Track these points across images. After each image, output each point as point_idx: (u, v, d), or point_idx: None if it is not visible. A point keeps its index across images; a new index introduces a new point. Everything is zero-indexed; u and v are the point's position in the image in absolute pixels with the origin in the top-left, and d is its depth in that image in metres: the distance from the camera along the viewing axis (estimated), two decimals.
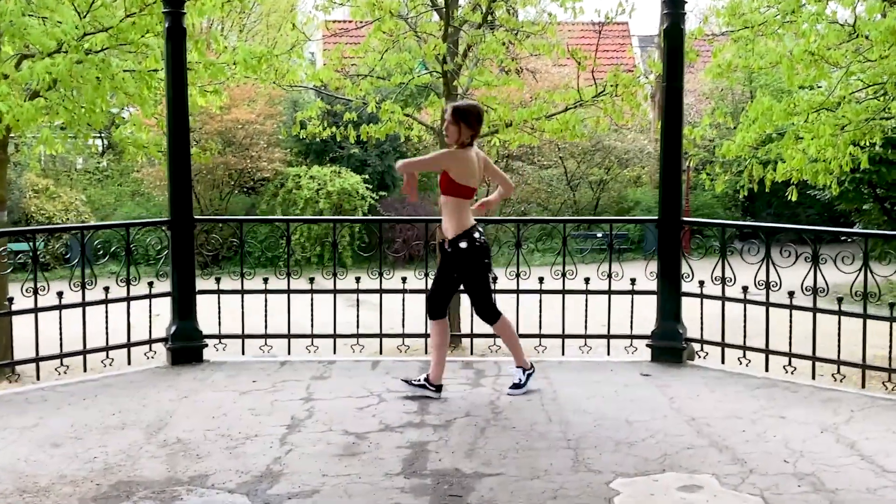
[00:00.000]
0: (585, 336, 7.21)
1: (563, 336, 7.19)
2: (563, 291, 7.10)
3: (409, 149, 23.01)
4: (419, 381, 5.98)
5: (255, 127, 22.11)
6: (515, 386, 6.08)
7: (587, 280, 7.11)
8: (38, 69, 9.85)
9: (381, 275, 7.09)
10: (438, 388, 5.96)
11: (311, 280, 7.11)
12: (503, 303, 6.35)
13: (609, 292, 7.10)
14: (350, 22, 16.26)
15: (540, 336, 7.18)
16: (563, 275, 7.08)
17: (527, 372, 6.13)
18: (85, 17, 10.12)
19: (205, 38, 11.76)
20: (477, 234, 5.84)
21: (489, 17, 12.81)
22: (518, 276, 7.11)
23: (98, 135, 14.33)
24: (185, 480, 4.53)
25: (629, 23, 30.63)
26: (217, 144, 21.73)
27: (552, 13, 12.93)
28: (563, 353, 7.34)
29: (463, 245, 5.80)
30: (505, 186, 6.25)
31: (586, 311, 7.14)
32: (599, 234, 22.16)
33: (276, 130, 21.75)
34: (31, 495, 4.32)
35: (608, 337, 7.25)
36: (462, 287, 6.13)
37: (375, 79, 13.00)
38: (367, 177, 22.56)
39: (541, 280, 7.13)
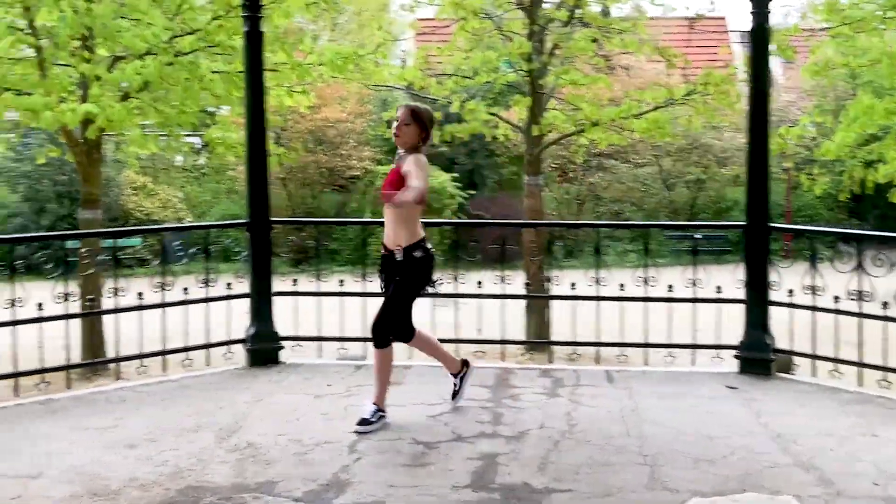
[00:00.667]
0: (669, 345, 7.02)
1: (646, 345, 7.02)
2: (646, 299, 6.93)
3: (497, 147, 22.90)
4: (373, 417, 5.45)
5: (345, 125, 22.33)
6: (455, 395, 5.88)
7: (670, 287, 6.92)
8: (128, 71, 10.10)
9: (455, 279, 7.03)
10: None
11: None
12: (585, 310, 6.22)
13: (694, 300, 6.90)
14: (437, 21, 16.25)
15: (622, 345, 7.02)
16: (646, 281, 6.91)
17: (459, 375, 5.88)
18: (173, 19, 10.33)
19: (292, 40, 11.89)
20: (429, 245, 5.51)
21: (575, 15, 12.64)
22: (598, 281, 6.97)
23: (190, 134, 14.57)
24: (253, 487, 4.54)
25: (726, 18, 29.84)
26: (307, 143, 22.09)
27: (642, 9, 12.70)
28: (645, 363, 7.16)
29: (417, 255, 5.43)
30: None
31: (670, 319, 6.95)
32: (698, 235, 21.68)
33: (366, 129, 21.96)
34: (101, 498, 4.38)
35: (693, 347, 7.04)
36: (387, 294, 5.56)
37: (461, 78, 12.97)
38: (455, 175, 22.55)
39: (622, 287, 6.98)
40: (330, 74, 12.83)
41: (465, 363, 5.92)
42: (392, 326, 5.51)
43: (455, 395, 5.88)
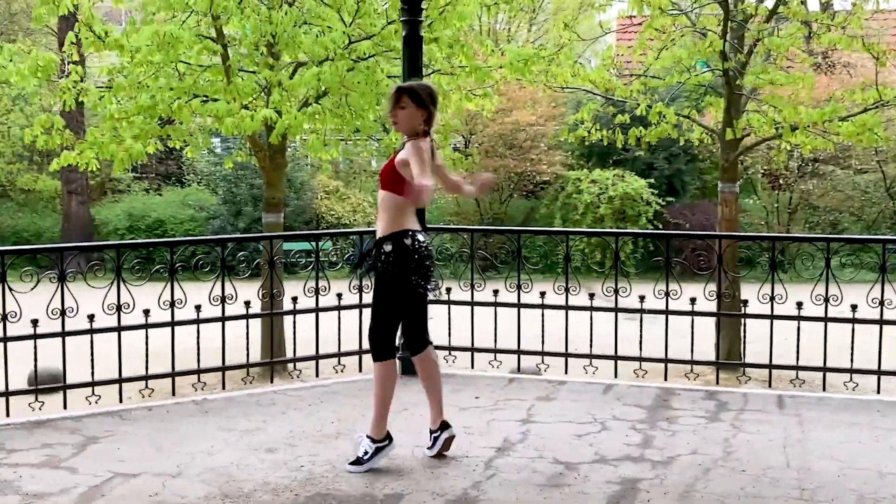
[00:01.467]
0: (851, 371, 6.63)
1: (825, 369, 6.66)
2: (826, 319, 6.58)
3: (699, 151, 22.31)
4: (365, 455, 5.07)
5: (536, 129, 22.38)
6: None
7: (854, 307, 6.54)
8: (306, 77, 10.56)
9: (616, 292, 6.92)
10: (388, 439, 5.18)
11: (543, 294, 7.07)
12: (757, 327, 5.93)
13: (881, 322, 6.48)
14: (626, 19, 16.04)
15: (797, 368, 6.69)
16: (826, 300, 6.56)
17: (434, 433, 5.28)
18: (351, 24, 10.70)
19: (470, 42, 12.05)
20: (419, 238, 5.04)
21: (779, 9, 12.13)
22: (773, 299, 6.67)
23: (370, 138, 15.04)
24: (380, 498, 4.65)
25: None
26: (496, 148, 22.29)
27: (857, 2, 12.02)
28: (823, 389, 6.80)
29: (388, 248, 4.98)
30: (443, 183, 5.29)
31: (853, 341, 6.56)
32: None
33: (557, 132, 21.92)
34: (231, 500, 4.61)
35: (878, 373, 6.62)
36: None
37: (649, 78, 12.73)
38: (652, 181, 22.13)
39: (799, 305, 6.65)
40: (513, 77, 12.89)
41: (445, 425, 5.28)
42: (385, 332, 5.12)
43: (431, 447, 5.31)
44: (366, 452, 5.06)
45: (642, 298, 6.89)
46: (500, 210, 23.00)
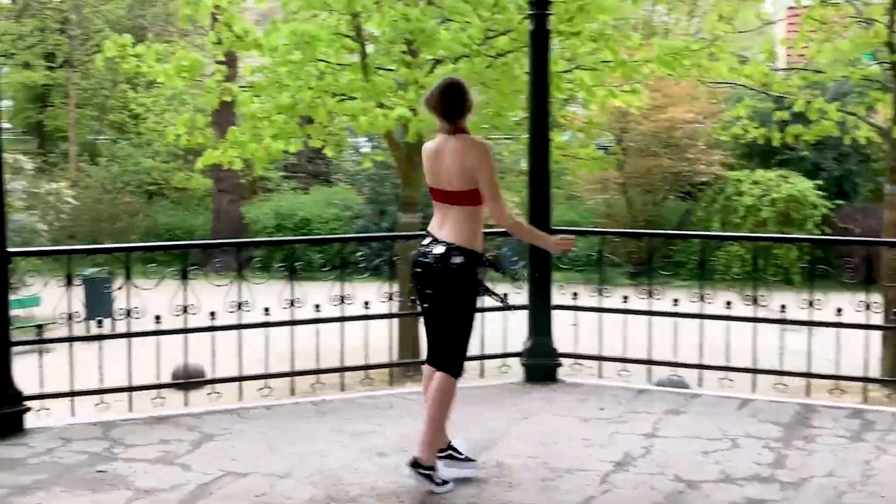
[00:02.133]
0: None
1: None
2: None
3: (872, 151, 21.32)
4: (438, 486, 4.86)
5: (693, 127, 21.89)
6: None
7: None
8: (439, 75, 10.67)
9: (755, 300, 6.69)
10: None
11: (676, 302, 6.90)
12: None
13: None
14: (794, 10, 15.49)
15: None
16: None
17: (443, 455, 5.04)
18: (487, 21, 10.75)
19: (617, 36, 11.91)
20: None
21: None
22: None
23: (510, 137, 15.03)
24: None
25: None
26: (649, 147, 21.91)
27: None
28: None
29: (458, 260, 4.81)
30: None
31: None
32: None
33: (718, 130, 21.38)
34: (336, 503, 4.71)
35: None
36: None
37: (810, 73, 12.26)
38: (820, 183, 21.32)
39: None
40: (661, 71, 12.66)
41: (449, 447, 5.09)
42: (466, 345, 4.98)
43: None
44: (434, 480, 4.86)
45: (783, 308, 6.65)
46: (655, 212, 22.61)
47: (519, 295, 7.11)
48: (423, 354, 5.36)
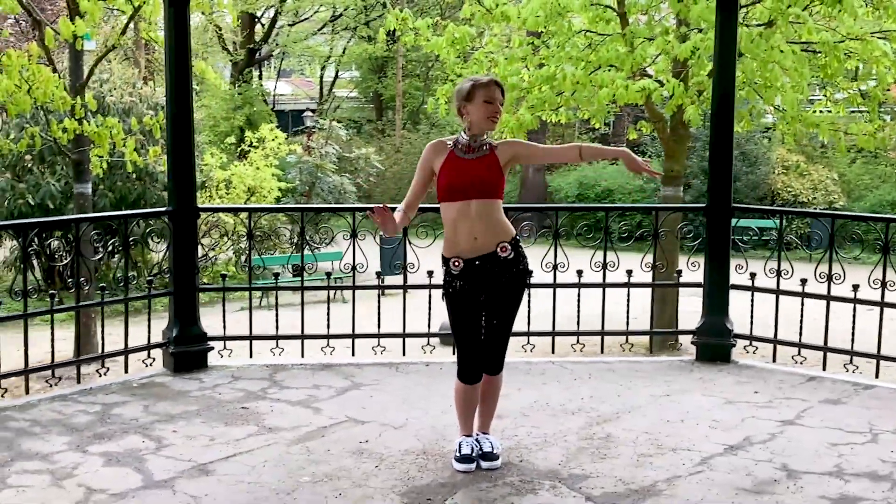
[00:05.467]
0: None
1: None
2: None
3: None
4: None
5: None
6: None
7: None
8: (692, 43, 10.45)
9: None
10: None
11: (856, 287, 6.47)
12: None
13: None
14: None
15: None
16: None
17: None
18: None
19: None
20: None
21: None
22: None
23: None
24: (563, 476, 4.72)
25: None
26: None
27: None
28: None
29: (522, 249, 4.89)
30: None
31: None
32: None
33: None
34: (425, 458, 4.99)
35: None
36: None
37: None
38: None
39: None
40: None
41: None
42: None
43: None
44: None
45: None
46: None
47: (694, 272, 7.01)
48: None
